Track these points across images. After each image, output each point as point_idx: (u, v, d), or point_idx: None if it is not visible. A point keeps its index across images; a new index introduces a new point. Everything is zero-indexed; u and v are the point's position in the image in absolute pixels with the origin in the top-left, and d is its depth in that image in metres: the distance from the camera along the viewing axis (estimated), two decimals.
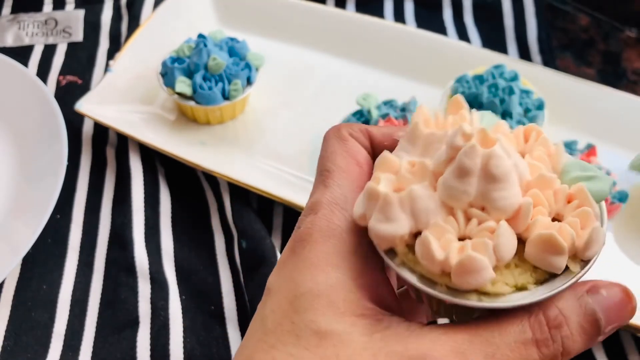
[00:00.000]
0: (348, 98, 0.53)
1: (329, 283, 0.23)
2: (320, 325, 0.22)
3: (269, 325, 0.23)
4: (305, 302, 0.22)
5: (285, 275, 0.24)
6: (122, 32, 0.65)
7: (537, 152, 0.23)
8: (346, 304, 0.22)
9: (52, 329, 0.45)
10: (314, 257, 0.23)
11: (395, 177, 0.23)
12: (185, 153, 0.51)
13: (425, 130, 0.24)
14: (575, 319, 0.21)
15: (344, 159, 0.26)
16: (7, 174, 0.52)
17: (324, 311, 0.22)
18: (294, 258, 0.24)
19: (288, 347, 0.22)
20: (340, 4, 0.68)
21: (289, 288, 0.23)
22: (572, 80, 0.55)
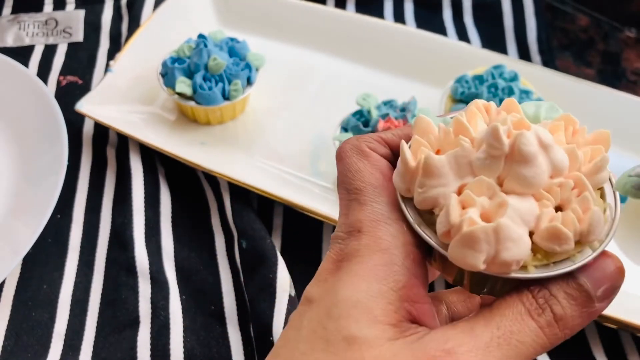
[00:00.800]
0: (348, 98, 0.53)
1: (370, 292, 0.23)
2: (351, 330, 0.22)
3: (304, 334, 0.23)
4: (342, 309, 0.23)
5: (328, 287, 0.24)
6: (122, 33, 0.66)
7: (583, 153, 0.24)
8: (383, 313, 0.23)
9: (53, 328, 0.45)
10: (360, 269, 0.24)
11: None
12: (185, 153, 0.51)
13: (442, 157, 0.24)
14: (558, 288, 0.23)
15: (372, 175, 0.26)
16: (8, 174, 0.52)
17: (358, 318, 0.23)
18: (339, 271, 0.24)
19: (317, 352, 0.22)
20: (340, 5, 0.68)
21: (329, 297, 0.24)
22: (571, 81, 0.55)
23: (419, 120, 0.25)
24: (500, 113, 0.25)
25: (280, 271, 0.44)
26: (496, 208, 0.22)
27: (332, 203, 0.49)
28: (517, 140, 0.22)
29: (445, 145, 0.25)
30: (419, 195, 0.24)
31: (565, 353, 0.23)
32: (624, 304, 0.39)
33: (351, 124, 0.49)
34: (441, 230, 0.23)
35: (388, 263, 0.24)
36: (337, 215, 0.47)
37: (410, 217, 0.24)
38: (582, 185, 0.23)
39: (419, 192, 0.24)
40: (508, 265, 0.22)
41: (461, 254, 0.22)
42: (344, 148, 0.28)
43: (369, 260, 0.24)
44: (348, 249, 0.25)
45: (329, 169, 0.52)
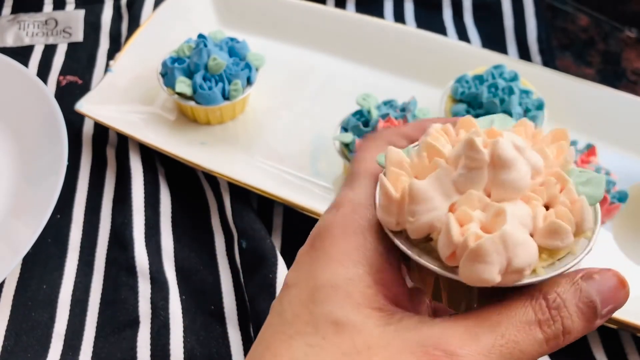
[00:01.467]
0: (348, 98, 0.53)
1: (348, 276, 0.24)
2: (337, 315, 0.23)
3: (287, 317, 0.24)
4: (324, 293, 0.23)
5: (304, 269, 0.25)
6: (122, 32, 0.66)
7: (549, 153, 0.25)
8: (363, 297, 0.23)
9: (52, 328, 0.45)
10: (334, 252, 0.24)
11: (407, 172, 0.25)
12: (185, 153, 0.51)
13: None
14: (572, 301, 0.23)
15: (374, 164, 0.27)
16: (8, 174, 0.52)
17: (341, 303, 0.23)
18: (312, 252, 0.25)
19: (306, 337, 0.23)
20: (340, 4, 0.68)
21: (307, 281, 0.24)
22: (571, 80, 0.55)
23: (389, 152, 0.25)
24: (459, 132, 0.26)
25: (280, 271, 0.44)
26: (494, 218, 0.22)
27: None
28: (495, 148, 0.23)
29: (421, 171, 0.24)
30: (412, 224, 0.23)
31: (565, 353, 0.23)
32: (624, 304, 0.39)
33: (351, 124, 0.49)
34: (445, 253, 0.22)
35: (361, 247, 0.24)
36: None
37: (407, 249, 0.24)
38: (563, 179, 0.23)
39: (411, 221, 0.23)
40: (521, 271, 0.22)
41: (474, 271, 0.22)
42: (372, 135, 0.29)
43: (342, 243, 0.24)
44: (322, 223, 0.25)
45: (329, 169, 0.52)
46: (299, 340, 0.23)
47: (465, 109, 0.50)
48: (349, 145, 0.48)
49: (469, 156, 0.23)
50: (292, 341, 0.23)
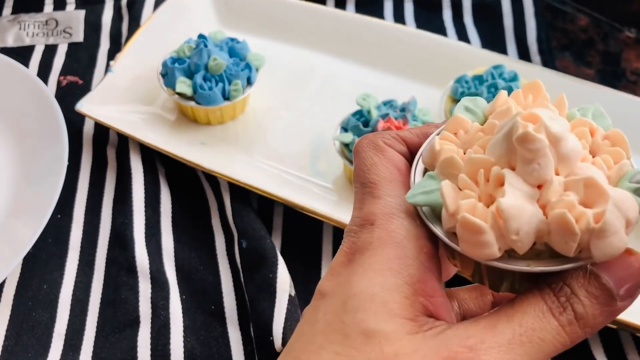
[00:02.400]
0: (348, 98, 0.53)
1: (386, 286, 0.23)
2: (369, 324, 0.22)
3: (319, 327, 0.23)
4: (358, 302, 0.23)
5: (341, 280, 0.24)
6: (122, 33, 0.66)
7: (604, 155, 0.24)
8: (399, 307, 0.23)
9: (53, 328, 0.45)
10: (374, 262, 0.24)
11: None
12: (185, 153, 0.51)
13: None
14: (580, 287, 0.23)
15: (387, 169, 0.27)
16: (8, 174, 0.52)
17: (375, 311, 0.23)
18: (352, 264, 0.24)
19: (334, 345, 0.22)
20: (340, 5, 0.68)
21: (343, 291, 0.24)
22: (571, 81, 0.55)
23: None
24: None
25: (280, 271, 0.44)
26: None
27: (332, 203, 0.49)
28: (549, 130, 0.22)
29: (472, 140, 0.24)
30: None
31: (565, 353, 0.24)
32: None
33: (351, 124, 0.49)
34: (447, 224, 0.23)
35: (401, 256, 0.24)
36: (337, 215, 0.47)
37: (424, 213, 0.24)
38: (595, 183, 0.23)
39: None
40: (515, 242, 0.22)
41: (470, 245, 0.22)
42: (361, 143, 0.28)
43: (382, 253, 0.24)
44: (360, 242, 0.25)
45: (329, 168, 0.52)
46: (328, 349, 0.22)
47: None
48: (349, 145, 0.48)
49: (527, 148, 0.22)
50: (322, 351, 0.22)
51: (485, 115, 0.26)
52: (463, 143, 0.25)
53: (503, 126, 0.23)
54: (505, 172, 0.22)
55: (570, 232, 0.21)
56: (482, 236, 0.22)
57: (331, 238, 0.49)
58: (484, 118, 0.26)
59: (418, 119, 0.50)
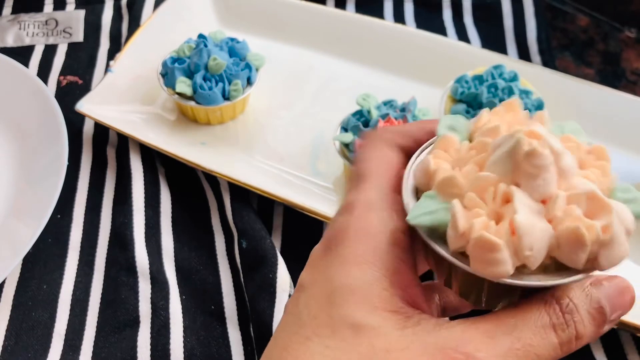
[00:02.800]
0: (348, 98, 0.53)
1: (365, 279, 0.24)
2: (356, 318, 0.23)
3: (304, 319, 0.24)
4: (342, 296, 0.23)
5: (319, 272, 0.25)
6: (122, 33, 0.66)
7: (592, 169, 0.25)
8: (380, 300, 0.23)
9: (53, 328, 0.45)
10: (350, 254, 0.24)
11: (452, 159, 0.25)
12: (185, 153, 0.51)
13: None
14: (583, 306, 0.23)
15: (380, 164, 0.27)
16: (8, 174, 0.52)
17: (359, 305, 0.23)
18: (328, 255, 0.25)
19: (324, 339, 0.23)
20: (340, 5, 0.68)
21: (324, 283, 0.24)
22: (571, 81, 0.55)
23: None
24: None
25: (280, 271, 0.44)
26: (503, 204, 0.22)
27: (332, 203, 0.49)
28: (553, 146, 0.23)
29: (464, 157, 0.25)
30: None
31: None
32: None
33: (351, 124, 0.49)
34: (454, 245, 0.23)
35: (377, 249, 0.24)
36: None
37: (431, 241, 0.24)
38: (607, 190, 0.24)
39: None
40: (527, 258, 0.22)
41: (483, 262, 0.22)
42: (367, 135, 0.29)
43: (358, 246, 0.24)
44: (336, 229, 0.25)
45: (329, 168, 0.52)
46: (317, 342, 0.23)
47: (465, 109, 0.50)
48: (349, 145, 0.48)
49: (534, 164, 0.22)
50: (310, 343, 0.23)
51: (470, 133, 0.26)
52: (455, 161, 0.25)
53: (502, 144, 0.23)
54: (513, 189, 0.23)
55: (582, 244, 0.22)
56: (498, 254, 0.22)
57: None
58: (468, 135, 0.26)
59: (418, 119, 0.50)
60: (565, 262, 0.23)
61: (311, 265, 0.26)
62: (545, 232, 0.22)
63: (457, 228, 0.23)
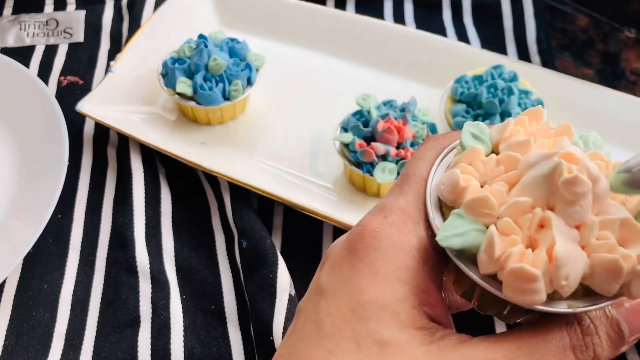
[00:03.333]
0: (348, 98, 0.53)
1: (395, 296, 0.23)
2: (382, 335, 0.22)
3: (327, 330, 0.23)
4: (370, 311, 0.23)
5: (345, 279, 0.24)
6: (122, 33, 0.66)
7: None
8: (408, 318, 0.23)
9: (53, 328, 0.45)
10: (382, 267, 0.23)
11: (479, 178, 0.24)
12: (185, 153, 0.52)
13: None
14: (603, 328, 0.23)
15: (429, 167, 0.26)
16: (9, 174, 0.52)
17: (388, 322, 0.22)
18: (355, 261, 0.24)
19: (347, 354, 0.22)
20: (340, 5, 0.68)
21: (351, 294, 0.23)
22: (571, 81, 0.55)
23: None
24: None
25: (280, 271, 0.44)
26: (539, 229, 0.22)
27: (332, 203, 0.49)
28: (591, 172, 0.22)
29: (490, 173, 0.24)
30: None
31: None
32: None
33: (351, 124, 0.49)
34: (485, 269, 0.22)
35: (409, 267, 0.24)
36: (337, 215, 0.47)
37: (464, 265, 0.23)
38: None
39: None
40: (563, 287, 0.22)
41: (518, 291, 0.22)
42: (433, 136, 0.28)
43: (391, 259, 0.24)
44: (368, 228, 0.24)
45: (329, 168, 0.52)
46: (340, 356, 0.22)
47: (465, 109, 0.50)
48: (348, 145, 0.48)
49: (573, 192, 0.22)
50: (333, 357, 0.22)
51: (493, 143, 0.26)
52: (481, 175, 0.24)
53: (537, 165, 0.23)
54: (551, 216, 0.22)
55: (618, 275, 0.22)
56: (534, 284, 0.21)
57: (331, 238, 0.49)
58: (492, 146, 0.26)
59: (418, 119, 0.50)
60: (597, 290, 0.22)
61: (334, 267, 0.24)
62: (580, 261, 0.22)
63: (492, 254, 0.22)
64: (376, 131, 0.47)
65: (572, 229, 0.22)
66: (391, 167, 0.47)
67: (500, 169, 0.24)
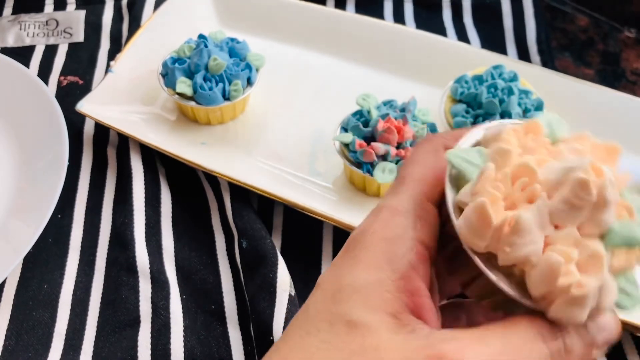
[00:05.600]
0: (348, 98, 0.53)
1: (369, 280, 0.24)
2: (352, 316, 0.23)
3: (310, 314, 0.25)
4: (344, 294, 0.24)
5: (333, 271, 0.26)
6: (122, 33, 0.66)
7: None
8: (380, 301, 0.24)
9: (53, 328, 0.45)
10: (363, 256, 0.25)
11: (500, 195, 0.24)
12: (185, 153, 0.52)
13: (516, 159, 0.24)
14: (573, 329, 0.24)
15: (423, 169, 0.27)
16: (9, 174, 0.52)
17: (358, 304, 0.24)
18: (345, 256, 0.26)
19: (321, 333, 0.24)
20: (340, 5, 0.68)
21: (333, 281, 0.25)
22: (571, 81, 0.55)
23: (486, 170, 0.24)
24: (537, 139, 0.25)
25: (281, 271, 0.44)
26: (589, 260, 0.22)
27: (332, 203, 0.50)
28: (604, 190, 0.23)
29: (509, 192, 0.24)
30: (508, 255, 0.23)
31: None
32: None
33: (351, 124, 0.49)
34: (540, 290, 0.23)
35: (389, 252, 0.25)
36: (337, 215, 0.47)
37: (492, 274, 0.24)
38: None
39: (507, 251, 0.23)
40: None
41: (568, 313, 0.22)
42: (427, 137, 0.29)
43: (373, 248, 0.25)
44: (360, 227, 0.26)
45: (329, 168, 0.52)
46: (315, 335, 0.24)
47: (465, 109, 0.50)
48: (348, 145, 0.48)
49: (577, 195, 0.23)
50: (308, 336, 0.24)
51: (483, 143, 0.26)
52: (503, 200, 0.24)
53: (570, 165, 0.23)
54: (542, 195, 0.23)
55: (552, 279, 0.22)
56: (485, 231, 0.23)
57: (331, 238, 0.49)
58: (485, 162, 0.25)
59: (418, 119, 0.50)
60: (528, 287, 0.23)
61: (331, 266, 0.26)
62: (536, 244, 0.23)
63: (553, 283, 0.22)
64: (376, 131, 0.47)
65: (551, 224, 0.23)
66: (391, 167, 0.47)
67: (523, 196, 0.24)
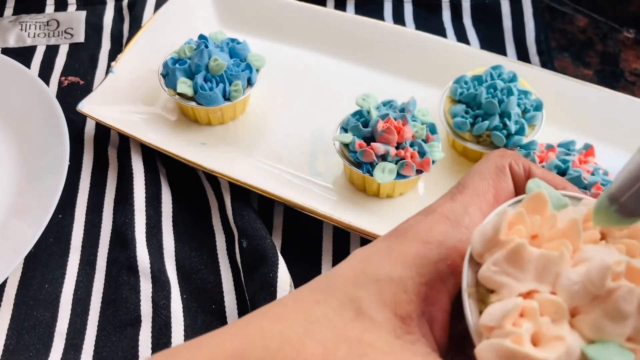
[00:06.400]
0: (348, 98, 0.53)
1: (391, 275, 0.24)
2: (362, 305, 0.23)
3: (330, 283, 0.24)
4: (364, 280, 0.24)
5: (368, 252, 0.25)
6: (123, 33, 0.66)
7: None
8: (393, 300, 0.23)
9: (54, 327, 0.45)
10: (395, 250, 0.24)
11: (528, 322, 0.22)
12: (186, 153, 0.52)
13: (535, 251, 0.22)
14: None
15: (486, 184, 0.26)
16: (10, 174, 0.52)
17: (372, 296, 0.23)
18: (384, 242, 0.25)
19: (329, 308, 0.23)
20: (340, 6, 0.68)
21: (359, 264, 0.25)
22: (570, 81, 0.55)
23: (537, 196, 0.23)
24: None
25: (281, 270, 0.44)
26: (552, 339, 0.21)
27: (332, 202, 0.50)
28: (619, 293, 0.21)
29: (543, 232, 0.23)
30: (487, 272, 0.22)
31: None
32: None
33: (351, 124, 0.49)
34: (485, 322, 0.21)
35: (419, 254, 0.24)
36: (337, 214, 0.47)
37: (466, 280, 0.23)
38: None
39: (491, 269, 0.22)
40: None
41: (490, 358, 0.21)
42: (495, 151, 0.28)
43: (409, 246, 0.24)
44: (407, 222, 0.26)
45: (329, 168, 0.52)
46: (322, 306, 0.23)
47: (464, 109, 0.51)
48: (348, 145, 0.49)
49: (591, 280, 0.21)
50: (317, 305, 0.23)
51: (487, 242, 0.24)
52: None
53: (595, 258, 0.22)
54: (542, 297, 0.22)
55: (497, 317, 0.21)
56: None
57: (331, 238, 0.49)
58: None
59: (417, 119, 0.50)
60: None
61: (373, 242, 0.26)
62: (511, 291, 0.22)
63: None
64: (376, 131, 0.47)
65: (525, 286, 0.22)
66: (391, 167, 0.47)
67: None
